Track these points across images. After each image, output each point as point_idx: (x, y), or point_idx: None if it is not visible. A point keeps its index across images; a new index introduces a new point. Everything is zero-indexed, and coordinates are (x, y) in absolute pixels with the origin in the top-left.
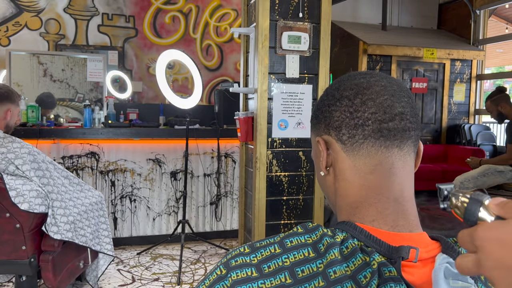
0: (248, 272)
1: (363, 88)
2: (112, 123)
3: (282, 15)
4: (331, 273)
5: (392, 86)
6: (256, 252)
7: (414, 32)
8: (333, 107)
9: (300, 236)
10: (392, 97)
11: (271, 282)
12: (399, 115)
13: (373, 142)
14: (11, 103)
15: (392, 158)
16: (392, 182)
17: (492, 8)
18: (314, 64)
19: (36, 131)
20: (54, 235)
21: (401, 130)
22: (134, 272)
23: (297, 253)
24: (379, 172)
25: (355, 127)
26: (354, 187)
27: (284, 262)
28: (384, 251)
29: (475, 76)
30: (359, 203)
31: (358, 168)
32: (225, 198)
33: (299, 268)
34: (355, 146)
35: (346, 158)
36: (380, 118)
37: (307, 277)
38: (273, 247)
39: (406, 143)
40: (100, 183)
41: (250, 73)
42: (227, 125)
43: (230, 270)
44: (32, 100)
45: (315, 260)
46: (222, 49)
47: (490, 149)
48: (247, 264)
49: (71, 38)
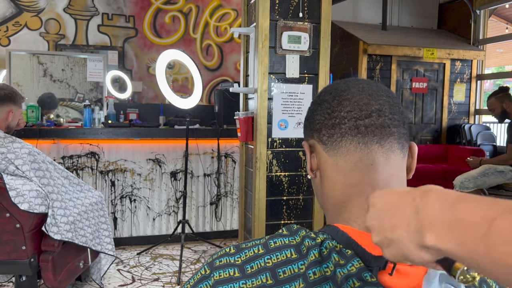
0: (231, 272)
1: (341, 90)
2: (112, 123)
3: (282, 15)
4: (311, 275)
5: (371, 87)
6: (240, 252)
7: (414, 32)
8: (315, 112)
9: (285, 238)
10: (369, 96)
11: (252, 283)
12: (376, 112)
13: (351, 139)
14: (13, 104)
15: (372, 154)
16: (374, 178)
17: (492, 8)
18: (314, 64)
19: (36, 131)
20: (54, 235)
21: (379, 126)
22: (134, 272)
23: (279, 254)
24: (360, 168)
25: (332, 126)
26: (337, 186)
27: (267, 263)
28: (364, 256)
29: (475, 76)
30: (343, 202)
31: (339, 166)
32: (225, 198)
33: (280, 269)
34: (334, 145)
35: (328, 158)
36: (356, 116)
37: (288, 278)
38: (257, 248)
39: (387, 139)
40: (100, 183)
41: (250, 73)
42: (227, 125)
43: (214, 270)
44: (32, 100)
45: (297, 261)
46: (222, 49)
47: (490, 149)
48: (231, 265)
49: (71, 38)
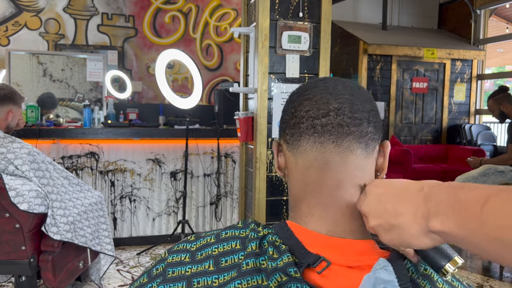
0: (182, 257)
1: (305, 90)
2: (112, 123)
3: (282, 15)
4: (244, 266)
5: (336, 86)
6: (197, 240)
7: (415, 32)
8: (284, 112)
9: (236, 230)
10: (330, 94)
11: (196, 268)
12: (334, 111)
13: (308, 138)
14: (13, 104)
15: (327, 154)
16: (326, 178)
17: (493, 8)
18: (314, 64)
19: (36, 131)
20: (53, 236)
21: (336, 126)
22: (134, 272)
23: (226, 244)
24: (315, 167)
25: (294, 126)
26: (296, 183)
27: (213, 251)
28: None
29: (475, 76)
30: (298, 199)
31: (299, 165)
32: (225, 198)
33: (224, 258)
34: (294, 144)
35: (291, 157)
36: (313, 115)
37: (228, 267)
38: (210, 237)
39: (345, 139)
40: (99, 183)
41: (250, 73)
42: (227, 125)
43: (170, 254)
44: (32, 100)
45: (238, 252)
46: (222, 49)
47: (491, 149)
48: (185, 250)
49: (70, 38)
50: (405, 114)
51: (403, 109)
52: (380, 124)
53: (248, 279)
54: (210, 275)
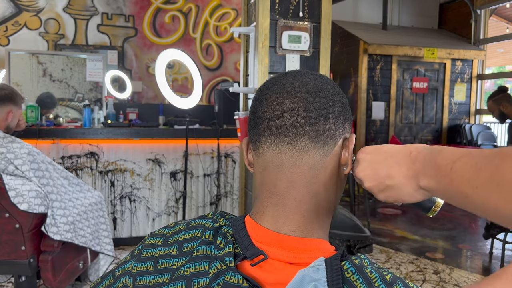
0: (157, 241)
1: (266, 88)
2: (112, 123)
3: (282, 15)
4: (195, 252)
5: (293, 83)
6: (174, 227)
7: (415, 32)
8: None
9: (204, 220)
10: (286, 94)
11: (164, 251)
12: (288, 112)
13: (265, 139)
14: (13, 104)
15: (282, 155)
16: (279, 179)
17: (493, 7)
18: (314, 64)
19: (36, 131)
20: (53, 236)
21: (290, 127)
22: None
23: (191, 232)
24: (270, 169)
25: (254, 126)
26: (255, 182)
27: (180, 238)
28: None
29: (475, 76)
30: (256, 197)
31: (259, 165)
32: (225, 198)
33: (185, 244)
34: (255, 145)
35: (255, 156)
36: (269, 116)
37: (186, 252)
38: (182, 225)
39: (299, 139)
40: (99, 183)
41: (250, 73)
42: (227, 125)
43: (149, 236)
44: (32, 100)
45: (197, 239)
46: (222, 48)
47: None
48: (162, 235)
49: (70, 38)
50: (405, 114)
51: (403, 109)
52: (346, 117)
53: (196, 264)
54: (172, 258)
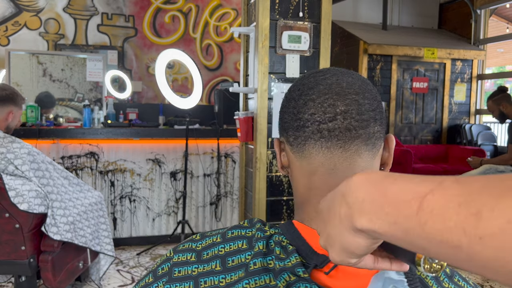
0: (188, 257)
1: (308, 88)
2: (112, 123)
3: (282, 15)
4: (251, 266)
5: (340, 84)
6: (203, 240)
7: (415, 32)
8: (284, 109)
9: (242, 229)
10: (336, 95)
11: (203, 268)
12: (341, 114)
13: (313, 143)
14: (14, 105)
15: (335, 160)
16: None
17: (493, 7)
18: (314, 64)
19: (36, 131)
20: (53, 236)
21: (344, 130)
22: (134, 272)
23: (233, 244)
24: (321, 173)
25: (297, 128)
26: (300, 187)
27: (220, 251)
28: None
29: (475, 76)
30: (302, 203)
31: (303, 169)
32: (225, 198)
33: (230, 257)
34: (299, 148)
35: (295, 159)
36: (319, 119)
37: (235, 266)
38: (216, 237)
39: (352, 143)
40: (99, 183)
41: (250, 73)
42: (227, 125)
43: (176, 253)
44: (32, 100)
45: (245, 251)
46: (222, 48)
47: (491, 149)
48: (191, 250)
49: (70, 38)
50: (405, 114)
51: (403, 109)
52: (385, 119)
53: (256, 278)
54: (217, 275)
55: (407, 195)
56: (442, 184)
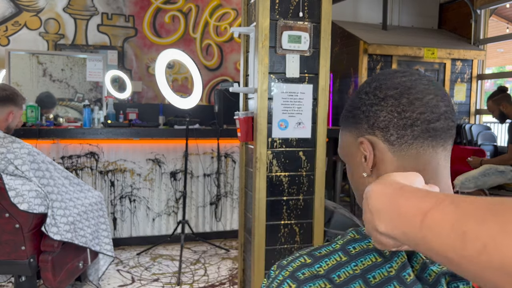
0: (321, 284)
1: (408, 87)
2: (112, 123)
3: (282, 15)
4: (407, 276)
5: (433, 84)
6: (320, 261)
7: (415, 32)
8: (377, 106)
9: (361, 242)
10: (436, 96)
11: None
12: (443, 114)
13: (422, 142)
14: (14, 105)
15: (438, 158)
16: (439, 182)
17: (493, 7)
18: (314, 64)
19: (36, 131)
20: (54, 236)
21: (445, 129)
22: (134, 272)
23: (364, 259)
24: (427, 172)
25: (404, 127)
26: None
27: (355, 270)
28: None
29: (475, 76)
30: None
31: (406, 169)
32: (225, 198)
33: (370, 274)
34: (403, 147)
35: (393, 159)
36: (429, 118)
37: (381, 282)
38: (338, 256)
39: (449, 141)
40: (99, 183)
41: (250, 73)
42: (227, 125)
43: (301, 284)
44: (32, 100)
45: (383, 264)
46: (222, 48)
47: (491, 149)
48: (316, 276)
49: (70, 38)
50: None
51: None
52: None
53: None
54: None
55: (412, 210)
56: (441, 204)
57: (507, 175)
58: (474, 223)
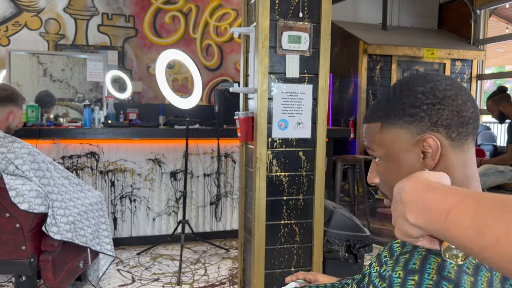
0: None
1: (459, 88)
2: (112, 123)
3: (282, 15)
4: None
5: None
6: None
7: (415, 32)
8: (439, 105)
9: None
10: (469, 96)
11: None
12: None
13: (471, 138)
14: (14, 105)
15: (472, 152)
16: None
17: (493, 8)
18: (314, 64)
19: (36, 131)
20: (54, 235)
21: (476, 127)
22: (134, 272)
23: None
24: (471, 164)
25: (461, 125)
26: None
27: None
28: None
29: (475, 76)
30: None
31: (460, 163)
32: (225, 198)
33: None
34: (461, 143)
35: (453, 154)
36: (475, 117)
37: None
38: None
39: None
40: (100, 183)
41: (250, 73)
42: (227, 125)
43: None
44: (32, 100)
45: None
46: (222, 49)
47: (491, 149)
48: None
49: (71, 38)
50: None
51: None
52: None
53: None
54: None
55: (439, 205)
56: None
57: (507, 175)
58: (491, 218)
